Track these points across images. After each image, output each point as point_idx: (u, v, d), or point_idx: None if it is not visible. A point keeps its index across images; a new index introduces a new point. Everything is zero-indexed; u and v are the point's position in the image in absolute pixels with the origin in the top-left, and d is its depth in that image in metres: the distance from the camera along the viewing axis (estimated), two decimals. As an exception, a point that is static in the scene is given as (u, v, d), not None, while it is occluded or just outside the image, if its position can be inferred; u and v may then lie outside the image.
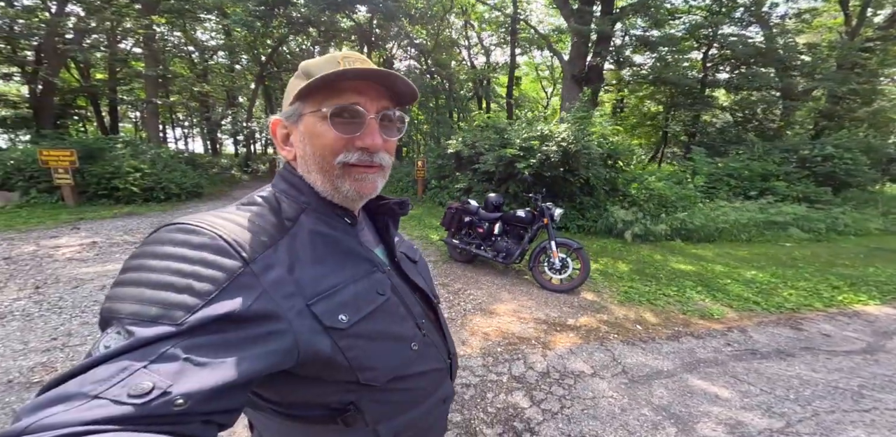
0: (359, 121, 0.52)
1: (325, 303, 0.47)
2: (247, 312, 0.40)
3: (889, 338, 2.92)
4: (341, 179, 0.54)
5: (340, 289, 0.50)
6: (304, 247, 0.50)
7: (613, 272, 4.47)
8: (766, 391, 2.21)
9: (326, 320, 0.46)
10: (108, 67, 14.27)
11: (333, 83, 0.50)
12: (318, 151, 0.53)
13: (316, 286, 0.47)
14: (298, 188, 0.56)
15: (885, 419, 1.94)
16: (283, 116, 0.56)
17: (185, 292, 0.38)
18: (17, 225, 5.52)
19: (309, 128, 0.53)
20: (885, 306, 3.64)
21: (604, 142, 6.31)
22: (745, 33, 10.98)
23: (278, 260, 0.46)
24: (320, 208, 0.55)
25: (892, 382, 2.30)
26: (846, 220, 6.76)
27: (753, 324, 3.16)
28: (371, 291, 0.53)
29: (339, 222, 0.56)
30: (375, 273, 0.56)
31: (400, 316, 0.56)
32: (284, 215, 0.52)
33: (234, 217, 0.48)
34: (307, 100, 0.52)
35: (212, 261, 0.41)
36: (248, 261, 0.43)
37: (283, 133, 0.57)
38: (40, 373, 2.09)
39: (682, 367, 2.49)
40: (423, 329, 0.60)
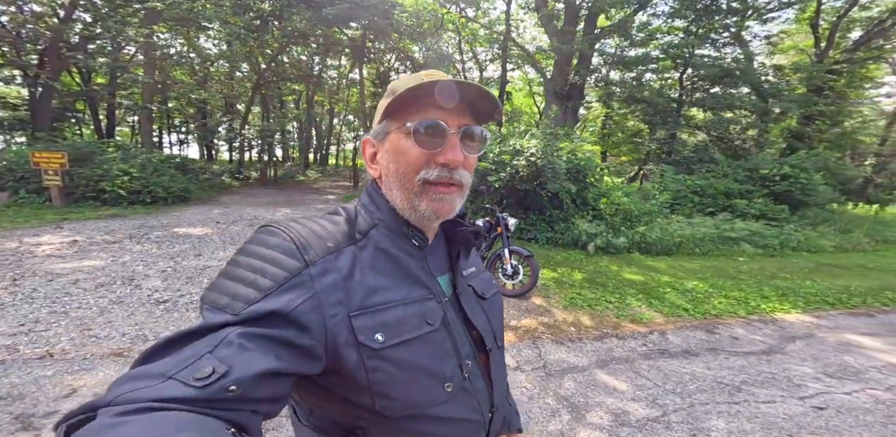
0: (441, 137, 0.52)
1: (367, 318, 0.47)
2: (294, 310, 0.42)
3: (792, 342, 3.22)
4: (419, 197, 0.53)
5: (387, 308, 0.49)
6: (367, 260, 0.51)
7: (567, 280, 4.76)
8: (658, 385, 2.48)
9: (360, 335, 0.46)
10: (109, 73, 14.66)
11: (418, 100, 0.51)
12: (401, 167, 0.53)
13: (364, 300, 0.48)
14: (377, 204, 0.57)
15: (749, 411, 2.21)
16: (371, 134, 0.58)
17: (251, 286, 0.43)
18: (3, 224, 5.74)
19: (394, 145, 0.54)
20: (805, 314, 3.95)
21: (572, 157, 6.68)
22: (718, 55, 11.61)
23: (337, 266, 0.48)
24: (392, 226, 0.56)
25: (774, 379, 2.58)
26: (799, 237, 7.13)
27: (675, 328, 3.45)
28: (419, 318, 0.52)
29: (407, 242, 0.56)
30: (430, 301, 0.54)
31: (443, 352, 0.53)
32: (357, 228, 0.54)
33: (311, 224, 0.51)
34: (393, 117, 0.54)
35: (279, 260, 0.45)
36: (308, 263, 0.46)
37: (372, 152, 0.59)
38: (2, 354, 2.33)
39: (596, 363, 2.76)
40: (465, 372, 0.55)
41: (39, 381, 2.11)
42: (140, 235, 5.57)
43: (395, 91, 0.53)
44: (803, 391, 2.43)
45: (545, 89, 10.75)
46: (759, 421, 2.11)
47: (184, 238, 5.57)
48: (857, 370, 2.74)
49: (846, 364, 2.83)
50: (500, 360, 0.65)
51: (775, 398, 2.33)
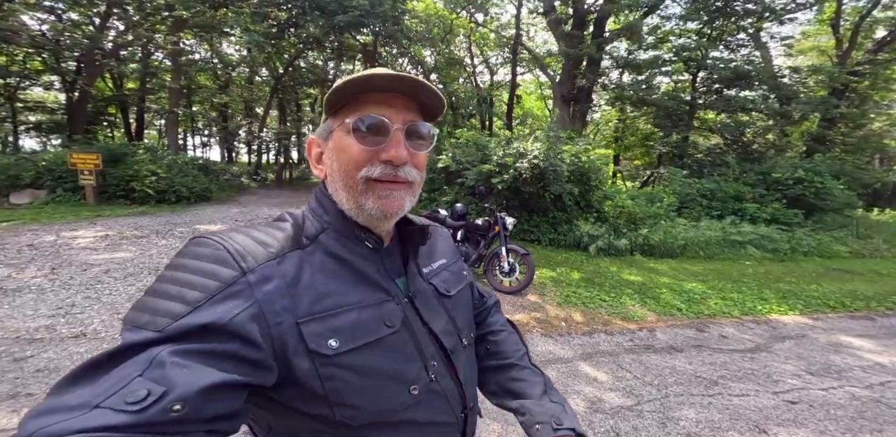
0: (384, 133, 0.50)
1: (317, 324, 0.45)
2: (231, 321, 0.39)
3: (781, 341, 3.26)
4: (364, 195, 0.51)
5: (340, 313, 0.47)
6: (316, 265, 0.49)
7: (565, 280, 4.87)
8: (637, 377, 2.60)
9: (311, 343, 0.44)
10: (139, 78, 15.52)
11: (360, 96, 0.50)
12: (343, 165, 0.52)
13: (313, 305, 0.45)
14: (324, 207, 0.55)
15: (721, 403, 2.31)
16: (317, 134, 0.57)
17: (176, 300, 0.39)
18: (42, 219, 6.25)
19: (336, 143, 0.52)
20: (802, 316, 3.96)
21: (576, 160, 6.77)
22: (732, 57, 11.45)
23: (281, 272, 0.45)
24: (342, 229, 0.53)
25: (753, 374, 2.66)
26: (810, 241, 7.00)
27: (665, 326, 3.53)
28: (377, 321, 0.50)
29: (359, 245, 0.54)
30: (388, 303, 0.52)
31: (405, 354, 0.51)
32: (305, 233, 0.51)
33: (252, 231, 0.49)
34: (336, 115, 0.53)
35: (209, 270, 0.42)
36: (245, 271, 0.43)
37: (318, 152, 0.57)
38: (42, 333, 2.65)
39: (580, 356, 2.89)
40: (431, 373, 0.53)
41: (73, 356, 2.40)
42: (165, 231, 5.97)
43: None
44: (780, 386, 2.50)
45: (553, 93, 10.84)
46: (728, 412, 2.20)
47: (203, 234, 5.94)
48: (841, 369, 2.78)
49: (831, 363, 2.87)
50: (468, 359, 0.63)
51: (749, 392, 2.41)
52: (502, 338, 0.75)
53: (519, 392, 0.66)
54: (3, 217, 6.25)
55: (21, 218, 6.25)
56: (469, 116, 16.64)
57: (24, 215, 6.50)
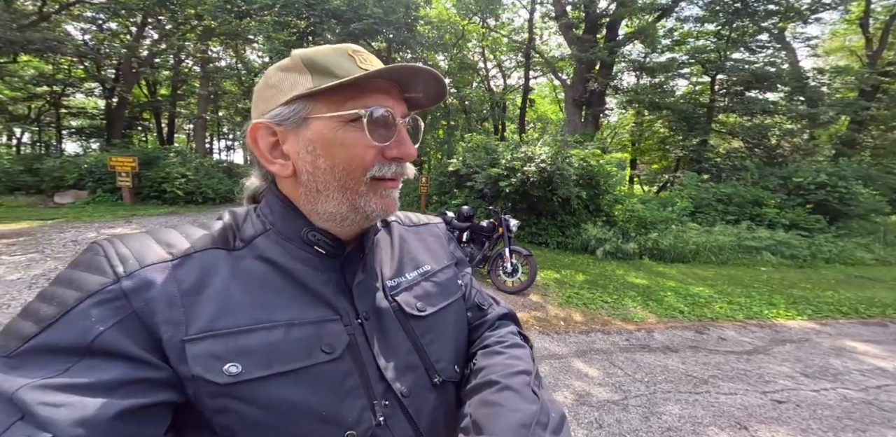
0: (390, 127, 0.44)
1: (214, 344, 0.36)
2: (97, 340, 0.32)
3: (782, 344, 3.26)
4: (366, 196, 0.45)
5: (254, 330, 0.38)
6: (241, 272, 0.41)
7: (568, 281, 4.95)
8: (628, 374, 2.68)
9: (197, 367, 0.35)
10: (171, 85, 16.46)
11: (362, 82, 0.43)
12: (344, 163, 0.43)
13: (215, 320, 0.37)
14: (271, 207, 0.48)
15: (707, 400, 2.37)
16: (271, 118, 0.44)
17: (30, 318, 0.33)
18: (84, 217, 6.79)
19: (326, 135, 0.43)
20: (810, 321, 3.91)
21: (584, 164, 6.82)
22: (753, 58, 11.20)
23: (174, 277, 0.37)
24: (285, 231, 0.46)
25: (745, 375, 2.70)
26: (831, 248, 6.79)
27: (664, 327, 3.58)
28: (310, 344, 0.40)
29: (307, 250, 0.46)
30: (332, 323, 0.43)
31: (345, 389, 0.41)
32: (241, 235, 0.45)
33: (166, 231, 0.43)
34: (320, 100, 0.43)
35: (75, 279, 0.35)
36: (120, 276, 0.35)
37: (271, 142, 0.46)
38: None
39: (575, 353, 2.99)
40: (379, 415, 0.43)
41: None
42: (191, 229, 6.39)
43: (318, 65, 0.43)
44: (770, 386, 2.54)
45: (565, 97, 10.87)
46: (713, 409, 2.27)
47: (226, 233, 6.33)
48: (838, 372, 2.78)
49: (829, 366, 2.86)
50: (439, 402, 0.49)
51: (738, 391, 2.47)
52: (495, 351, 0.55)
53: (480, 424, 0.43)
54: (49, 215, 6.84)
55: (65, 216, 6.82)
56: (482, 120, 16.80)
57: (68, 214, 7.08)
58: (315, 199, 0.46)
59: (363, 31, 9.05)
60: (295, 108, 0.43)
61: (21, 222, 6.27)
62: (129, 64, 12.75)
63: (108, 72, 14.75)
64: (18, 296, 3.26)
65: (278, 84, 0.45)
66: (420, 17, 10.93)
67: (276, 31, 10.49)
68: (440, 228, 0.68)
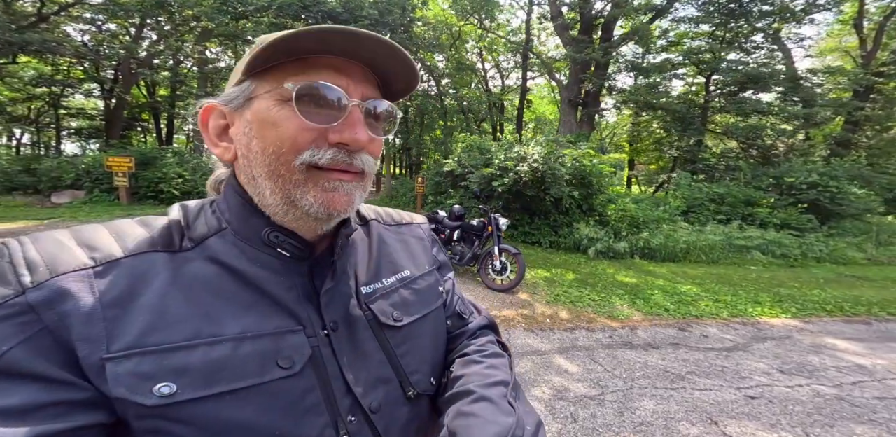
0: (336, 108, 0.38)
1: (141, 362, 0.32)
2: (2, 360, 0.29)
3: (762, 342, 3.30)
4: (302, 187, 0.39)
5: (195, 346, 0.34)
6: (184, 278, 0.36)
7: (558, 280, 4.99)
8: (608, 370, 2.72)
9: (119, 388, 0.31)
10: (170, 86, 16.55)
11: (308, 58, 0.38)
12: (271, 145, 0.38)
13: (144, 335, 0.33)
14: (227, 201, 0.43)
15: (682, 396, 2.41)
16: (221, 100, 0.41)
17: None
18: (80, 217, 6.85)
19: (260, 114, 0.38)
20: (794, 319, 3.95)
21: (577, 164, 6.86)
22: (748, 59, 11.25)
23: (100, 285, 0.33)
24: (242, 231, 0.41)
25: (722, 371, 2.74)
26: (822, 247, 6.83)
27: (649, 325, 3.62)
28: (263, 359, 0.36)
29: (267, 252, 0.41)
30: (293, 335, 0.39)
31: (303, 406, 0.38)
32: (190, 233, 0.40)
33: (91, 228, 0.37)
34: (262, 77, 0.39)
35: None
36: (26, 287, 0.31)
37: (220, 124, 0.42)
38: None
39: (557, 349, 3.04)
40: (342, 432, 0.39)
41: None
42: (186, 229, 6.43)
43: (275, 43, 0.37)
44: (745, 382, 2.58)
45: (560, 97, 10.92)
46: (686, 405, 2.31)
47: (221, 232, 6.39)
48: (815, 369, 2.82)
49: (806, 363, 2.91)
50: (412, 417, 0.46)
51: (713, 387, 2.51)
52: (473, 360, 0.52)
53: (457, 435, 0.41)
54: (46, 215, 6.89)
55: (61, 216, 6.87)
56: (480, 120, 16.85)
57: (65, 213, 7.13)
58: (255, 187, 0.41)
59: (358, 32, 9.14)
60: (242, 87, 0.40)
61: (17, 221, 6.32)
62: (127, 65, 12.82)
63: (107, 73, 14.84)
64: None
65: (238, 66, 0.40)
66: (417, 19, 11.01)
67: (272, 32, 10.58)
68: (423, 228, 0.63)
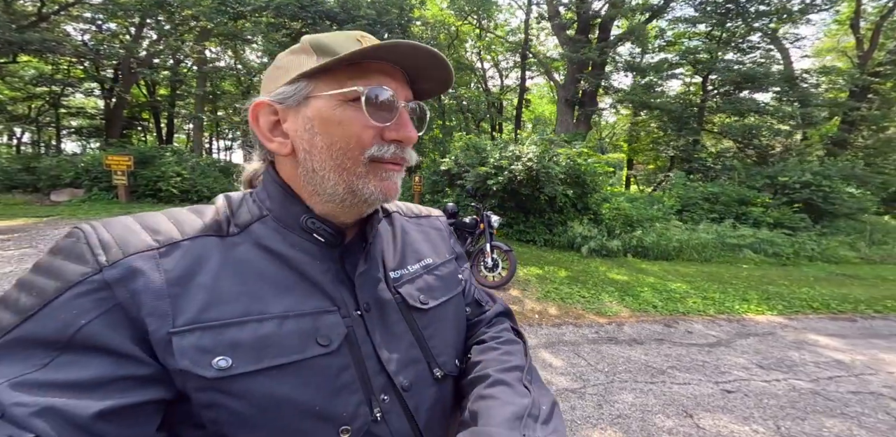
0: (390, 109, 0.43)
1: (202, 337, 0.35)
2: (79, 334, 0.31)
3: (745, 338, 3.36)
4: (364, 178, 0.44)
5: (246, 322, 0.37)
6: (234, 260, 0.40)
7: (550, 277, 5.05)
8: (591, 364, 2.79)
9: (183, 360, 0.34)
10: (169, 85, 16.62)
11: (366, 63, 0.43)
12: (341, 141, 0.42)
13: (203, 312, 0.36)
14: (268, 190, 0.47)
15: (661, 389, 2.47)
16: (274, 97, 0.44)
17: (9, 309, 0.33)
18: (79, 215, 6.92)
19: (324, 113, 0.42)
20: (780, 316, 4.01)
21: (571, 163, 6.91)
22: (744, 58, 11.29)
23: (161, 266, 0.36)
24: (283, 218, 0.45)
25: (702, 366, 2.80)
26: (814, 246, 6.88)
27: (636, 321, 3.68)
28: (304, 337, 0.39)
29: (306, 237, 0.45)
30: (329, 315, 0.42)
31: (340, 383, 0.40)
32: (235, 220, 0.43)
33: (152, 215, 0.41)
34: (322, 79, 0.43)
35: (55, 268, 0.34)
36: (102, 266, 0.34)
37: (272, 120, 0.45)
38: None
39: (543, 344, 3.10)
40: (376, 411, 0.42)
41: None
42: (183, 227, 6.51)
43: (324, 47, 0.43)
44: (724, 377, 2.64)
45: (557, 97, 10.97)
46: (664, 398, 2.37)
47: (218, 230, 6.47)
48: (794, 364, 2.88)
49: (786, 358, 2.96)
50: (439, 396, 0.49)
51: (692, 382, 2.57)
52: (491, 346, 0.56)
53: (476, 416, 0.44)
54: (45, 213, 6.96)
55: (60, 214, 6.94)
56: (479, 120, 16.91)
57: (63, 211, 7.20)
58: (312, 179, 0.44)
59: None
60: (297, 86, 0.43)
61: (17, 218, 6.39)
62: (127, 64, 12.88)
63: (107, 72, 14.90)
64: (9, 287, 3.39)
65: (285, 65, 0.45)
66: (415, 19, 11.06)
67: (270, 32, 10.62)
68: (441, 221, 0.67)
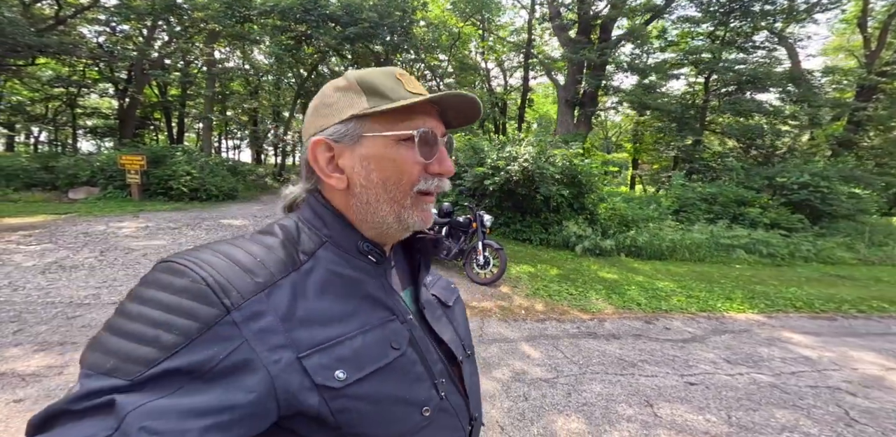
0: (433, 145, 0.50)
1: (321, 356, 0.41)
2: (218, 367, 0.36)
3: (720, 334, 3.50)
4: (409, 209, 0.50)
5: (343, 340, 0.43)
6: (315, 287, 0.45)
7: (541, 275, 5.22)
8: (567, 357, 2.97)
9: (319, 377, 0.40)
10: (180, 86, 17.05)
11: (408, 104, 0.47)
12: (393, 177, 0.49)
13: (314, 336, 0.42)
14: (323, 219, 0.50)
15: (628, 381, 2.64)
16: (329, 135, 0.49)
17: (151, 345, 0.35)
18: (95, 212, 7.27)
19: (380, 152, 0.48)
20: (760, 314, 4.13)
21: (567, 164, 7.04)
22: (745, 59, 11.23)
23: (272, 306, 0.41)
24: (342, 243, 0.49)
25: (672, 360, 2.96)
26: (809, 247, 6.93)
27: (618, 318, 3.84)
28: (383, 344, 0.46)
29: (362, 260, 0.50)
30: (392, 323, 0.49)
31: (414, 375, 0.48)
32: (301, 248, 0.47)
33: (234, 251, 0.43)
34: (374, 119, 0.48)
35: (187, 309, 0.37)
36: (230, 308, 0.38)
37: (328, 157, 0.50)
38: (90, 299, 3.35)
39: (525, 338, 3.28)
40: (441, 391, 0.51)
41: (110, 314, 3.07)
42: (195, 224, 6.81)
43: (374, 88, 0.48)
44: (690, 370, 2.80)
45: (558, 97, 11.06)
46: (629, 389, 2.54)
47: (227, 227, 6.74)
48: (761, 359, 3.02)
49: (755, 354, 3.11)
50: (472, 369, 0.62)
51: (658, 374, 2.73)
52: None
53: None
54: (63, 210, 7.33)
55: (77, 211, 7.30)
56: (483, 119, 17.05)
57: (80, 209, 7.57)
58: (365, 210, 0.50)
59: (358, 35, 9.39)
60: (351, 126, 0.48)
61: (37, 215, 6.76)
62: (140, 66, 13.27)
63: (121, 73, 15.35)
64: (32, 279, 3.70)
65: (335, 103, 0.49)
66: (417, 20, 11.22)
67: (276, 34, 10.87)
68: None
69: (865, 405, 2.46)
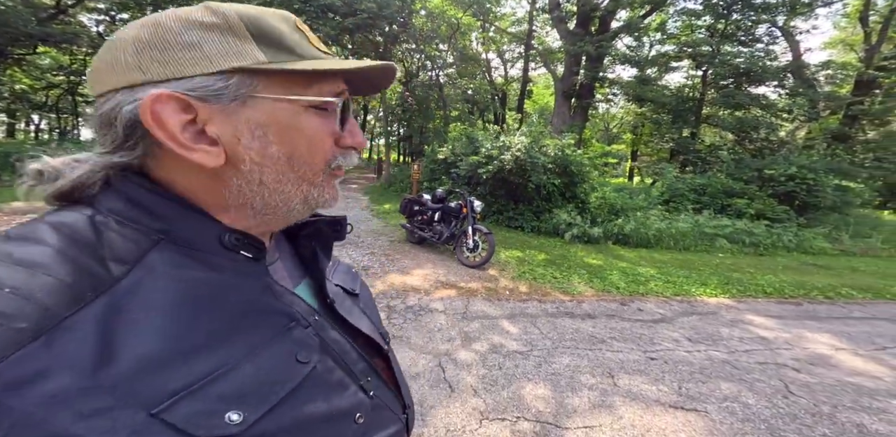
0: (346, 115, 0.41)
1: (192, 402, 0.29)
2: None
3: (688, 316, 3.76)
4: (320, 188, 0.41)
5: (225, 373, 0.32)
6: (152, 308, 0.30)
7: (528, 260, 5.47)
8: (542, 333, 3.22)
9: (201, 430, 0.29)
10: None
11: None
12: (304, 151, 0.38)
13: (169, 379, 0.29)
14: (149, 209, 0.35)
15: (595, 355, 2.89)
16: (188, 90, 0.33)
17: None
18: (101, 199, 7.52)
19: (278, 118, 0.36)
20: (730, 299, 4.38)
21: (559, 153, 7.22)
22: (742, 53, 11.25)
23: (60, 356, 0.26)
24: (193, 239, 0.35)
25: (639, 338, 3.21)
26: (789, 236, 7.15)
27: (596, 300, 4.10)
28: (286, 361, 0.36)
29: (227, 257, 0.37)
30: (294, 330, 0.38)
31: (335, 384, 0.40)
32: (112, 255, 0.31)
33: None
34: (272, 77, 0.35)
35: None
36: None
37: (185, 119, 0.34)
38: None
39: (505, 316, 3.54)
40: (369, 391, 0.44)
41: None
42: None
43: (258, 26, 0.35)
44: (653, 346, 3.06)
45: (555, 89, 11.13)
46: (595, 362, 2.79)
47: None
48: (720, 338, 3.28)
49: (716, 334, 3.36)
50: (393, 358, 0.55)
51: (623, 350, 2.99)
52: None
53: None
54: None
55: (84, 198, 7.54)
56: (482, 110, 17.08)
57: (86, 196, 7.81)
58: (256, 192, 0.38)
59: (357, 26, 9.45)
60: (234, 82, 0.34)
61: (41, 200, 7.00)
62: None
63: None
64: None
65: (196, 45, 0.33)
66: (416, 10, 11.20)
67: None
68: None
69: (806, 380, 2.71)
